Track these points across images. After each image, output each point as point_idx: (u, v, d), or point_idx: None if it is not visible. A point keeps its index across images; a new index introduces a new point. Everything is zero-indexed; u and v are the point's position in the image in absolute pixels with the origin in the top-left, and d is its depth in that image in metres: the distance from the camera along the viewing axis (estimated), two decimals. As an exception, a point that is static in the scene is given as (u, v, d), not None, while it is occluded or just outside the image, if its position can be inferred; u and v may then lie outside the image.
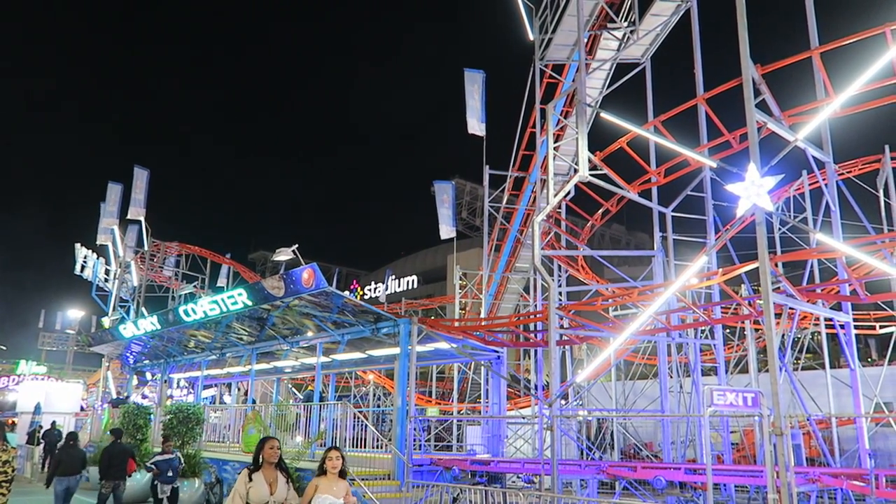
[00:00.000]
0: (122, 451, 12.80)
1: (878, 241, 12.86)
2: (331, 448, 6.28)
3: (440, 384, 32.45)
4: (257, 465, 5.98)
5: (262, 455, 6.01)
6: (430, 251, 59.92)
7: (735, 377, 23.26)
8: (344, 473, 6.08)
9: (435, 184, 26.76)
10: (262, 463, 5.99)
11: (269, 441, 6.12)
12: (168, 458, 13.33)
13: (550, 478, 11.89)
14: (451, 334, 15.92)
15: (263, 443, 6.11)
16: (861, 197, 18.19)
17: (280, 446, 6.14)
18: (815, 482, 10.86)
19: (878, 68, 10.59)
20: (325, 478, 6.06)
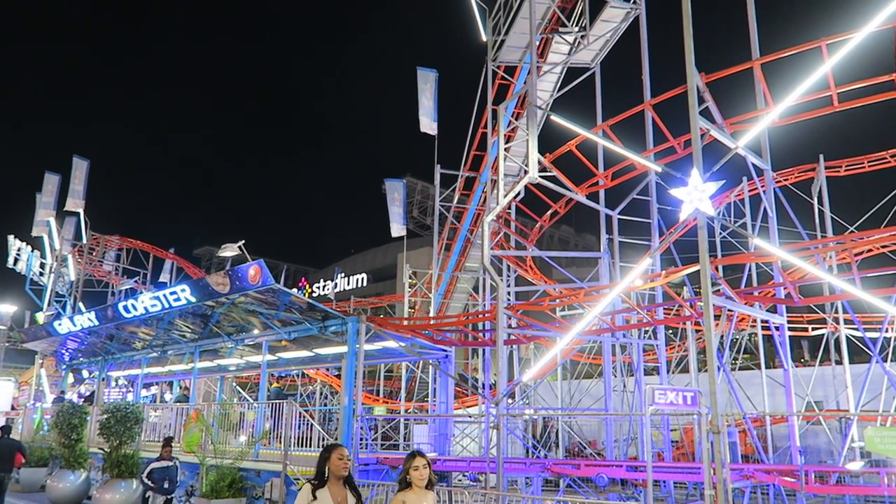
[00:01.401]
0: (8, 446, 12.62)
1: (811, 247, 13.40)
2: (415, 454, 5.06)
3: (388, 383, 32.32)
4: (322, 479, 4.94)
5: (328, 466, 4.96)
6: (380, 249, 59.62)
7: (676, 376, 23.89)
8: (431, 484, 4.98)
9: (386, 182, 26.66)
10: (328, 477, 4.94)
11: (337, 449, 5.05)
12: (166, 465, 12.04)
13: (496, 476, 11.98)
14: (400, 333, 15.88)
15: (331, 451, 5.04)
16: (797, 204, 18.94)
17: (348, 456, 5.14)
18: (749, 478, 11.24)
19: (813, 81, 11.02)
20: (411, 492, 4.92)
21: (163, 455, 12.13)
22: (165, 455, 12.14)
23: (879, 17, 10.18)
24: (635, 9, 16.46)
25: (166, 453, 12.18)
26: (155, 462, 12.02)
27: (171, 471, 12.05)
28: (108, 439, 15.38)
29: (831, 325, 20.28)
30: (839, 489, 11.91)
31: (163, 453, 12.18)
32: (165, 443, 12.51)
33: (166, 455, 12.15)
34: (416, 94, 23.52)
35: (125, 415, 15.65)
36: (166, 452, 12.20)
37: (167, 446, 12.38)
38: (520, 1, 17.26)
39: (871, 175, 21.32)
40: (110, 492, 14.75)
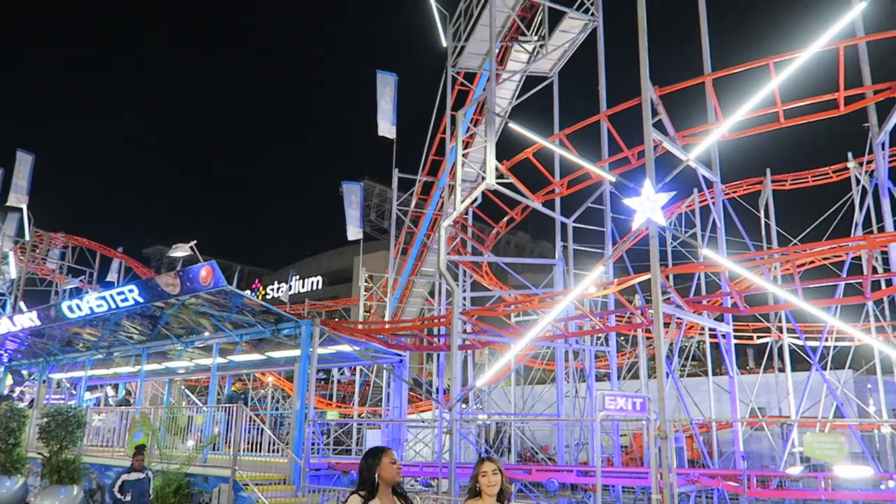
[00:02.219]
0: None
1: (757, 258, 13.82)
2: (484, 460, 4.45)
3: (341, 387, 32.07)
4: (372, 488, 4.24)
5: (378, 473, 4.26)
6: (336, 252, 59.15)
7: (627, 383, 24.31)
8: (504, 495, 4.33)
9: (343, 184, 26.51)
10: (377, 485, 4.25)
11: (387, 453, 4.36)
12: (138, 477, 10.74)
13: (448, 481, 11.99)
14: (355, 337, 15.78)
15: (379, 455, 4.33)
16: (744, 216, 19.52)
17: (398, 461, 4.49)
18: (694, 483, 11.51)
19: (761, 97, 11.38)
20: (480, 501, 4.35)
21: (134, 465, 10.83)
22: (137, 465, 10.83)
23: (823, 38, 10.59)
24: (593, 21, 16.75)
25: (138, 463, 10.86)
26: (125, 473, 10.77)
27: (144, 483, 10.78)
28: (48, 444, 14.85)
29: (775, 333, 20.94)
30: (779, 493, 12.27)
31: (134, 463, 10.87)
32: (137, 451, 11.12)
33: (138, 465, 10.83)
34: (376, 96, 23.47)
35: (67, 418, 15.13)
36: (138, 462, 10.87)
37: (139, 455, 11.02)
38: (480, 8, 17.39)
39: (814, 189, 22.14)
40: (49, 498, 14.24)
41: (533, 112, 19.91)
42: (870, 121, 13.42)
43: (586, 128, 14.65)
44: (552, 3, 16.54)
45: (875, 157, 13.49)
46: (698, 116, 13.88)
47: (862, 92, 12.61)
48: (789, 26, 54.51)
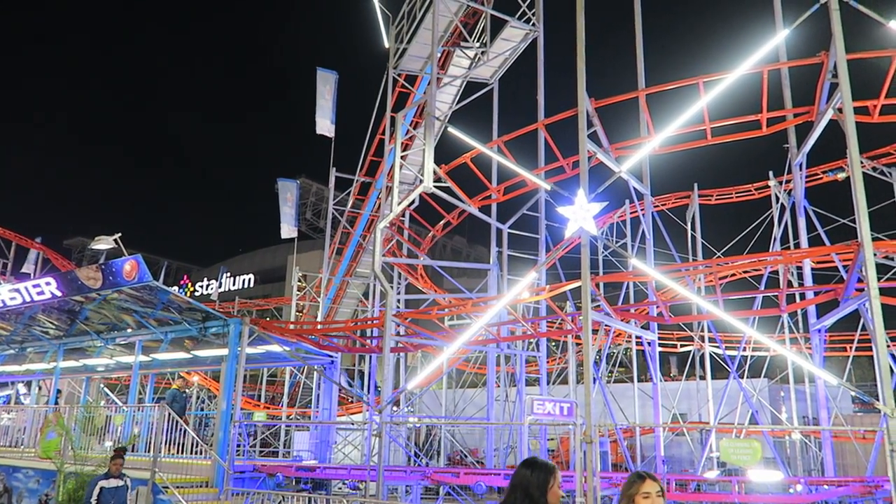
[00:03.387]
0: None
1: (682, 270, 14.33)
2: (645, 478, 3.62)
3: (270, 388, 31.44)
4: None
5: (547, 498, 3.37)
6: (269, 250, 58.01)
7: (556, 387, 24.77)
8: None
9: (279, 181, 26.05)
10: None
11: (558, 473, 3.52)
12: (118, 485, 9.63)
13: (376, 484, 11.91)
14: (285, 337, 15.51)
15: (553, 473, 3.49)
16: (672, 228, 20.21)
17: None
18: (617, 486, 11.79)
19: (691, 114, 11.81)
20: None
21: (111, 471, 9.66)
22: (115, 470, 9.66)
23: (749, 61, 11.08)
24: (534, 31, 17.02)
25: (116, 468, 9.67)
26: (103, 479, 9.62)
27: (123, 493, 9.67)
28: (-51, 444, 13.98)
29: (697, 342, 21.72)
30: (696, 497, 12.73)
31: (111, 468, 9.68)
32: (116, 455, 9.85)
33: (116, 470, 9.66)
34: (315, 94, 23.18)
35: (-28, 417, 14.28)
36: (116, 467, 9.68)
37: (118, 458, 9.77)
38: (423, 12, 17.41)
39: (737, 205, 23.15)
40: (-51, 502, 13.41)
41: (472, 117, 20.08)
42: (789, 142, 14.14)
43: (524, 136, 14.88)
44: (495, 11, 16.72)
45: (793, 177, 14.21)
46: (632, 130, 14.31)
47: (783, 114, 13.28)
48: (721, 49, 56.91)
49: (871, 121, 12.44)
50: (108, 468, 9.76)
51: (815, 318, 13.50)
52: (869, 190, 9.60)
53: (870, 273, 8.85)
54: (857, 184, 9.16)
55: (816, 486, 11.75)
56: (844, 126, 9.53)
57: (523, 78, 19.30)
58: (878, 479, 10.63)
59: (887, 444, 8.14)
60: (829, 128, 12.39)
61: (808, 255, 13.43)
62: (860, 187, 9.09)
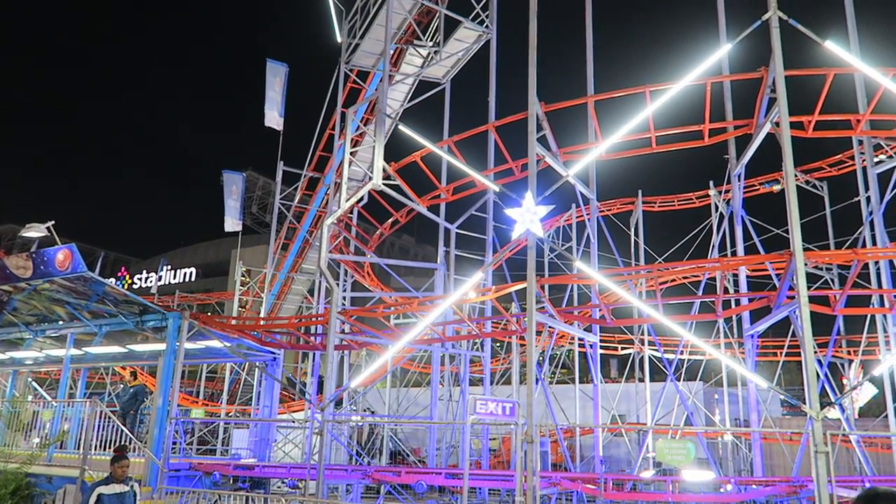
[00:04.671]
0: None
1: (625, 274, 14.63)
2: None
3: (210, 384, 30.73)
4: None
5: None
6: (212, 244, 56.67)
7: (500, 388, 25.00)
8: None
9: (224, 174, 25.47)
10: None
11: None
12: (121, 491, 8.35)
13: (316, 483, 11.77)
14: (226, 332, 15.17)
15: None
16: (617, 233, 20.65)
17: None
18: (556, 485, 11.97)
19: (637, 122, 12.07)
20: None
21: (114, 475, 8.35)
22: (119, 475, 8.35)
23: (693, 73, 11.40)
24: (487, 33, 17.12)
25: (121, 472, 8.36)
26: (102, 485, 8.31)
27: (128, 498, 8.45)
28: None
29: (637, 345, 22.26)
30: (632, 496, 13.02)
31: (115, 472, 8.35)
32: (118, 456, 8.51)
33: (120, 475, 8.36)
34: (264, 86, 22.78)
35: None
36: (121, 471, 8.36)
37: (122, 461, 8.43)
38: (377, 8, 17.31)
39: (679, 213, 23.81)
40: None
41: (424, 116, 20.07)
42: (729, 153, 14.62)
43: (475, 137, 14.94)
44: (449, 11, 16.75)
45: (732, 187, 14.69)
46: (580, 135, 14.54)
47: (724, 126, 13.71)
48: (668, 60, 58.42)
49: (805, 136, 12.96)
50: (110, 471, 8.42)
51: (748, 323, 14.00)
52: (802, 202, 9.99)
53: (800, 282, 9.21)
54: (791, 196, 9.52)
55: (745, 485, 12.17)
56: (781, 140, 9.90)
57: (476, 79, 19.41)
58: (803, 479, 11.08)
59: (812, 446, 8.50)
60: (767, 141, 12.85)
61: (744, 263, 13.90)
62: (793, 199, 9.45)
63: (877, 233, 14.86)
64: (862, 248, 15.38)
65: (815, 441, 8.46)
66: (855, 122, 13.37)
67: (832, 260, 18.84)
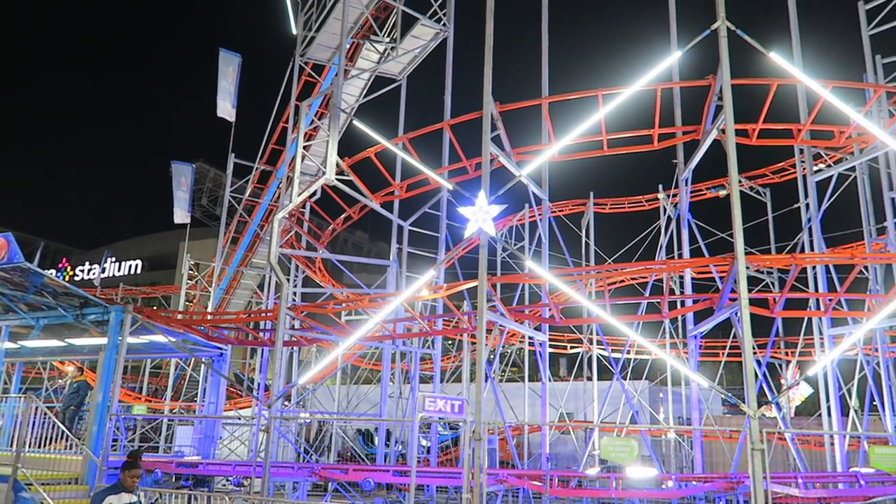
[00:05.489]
0: None
1: (574, 274, 14.85)
2: None
3: (154, 380, 29.97)
4: None
5: None
6: (160, 236, 55.21)
7: (450, 385, 25.09)
8: None
9: (173, 164, 24.86)
10: None
11: None
12: (129, 502, 7.43)
13: (262, 481, 11.60)
14: (171, 327, 14.82)
15: None
16: (568, 234, 20.93)
17: None
18: (502, 482, 12.08)
19: (589, 125, 12.25)
20: None
21: (125, 483, 7.40)
22: (130, 483, 7.43)
23: (644, 79, 11.62)
24: (444, 31, 17.13)
25: (132, 481, 7.44)
26: (112, 495, 7.37)
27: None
28: None
29: (586, 345, 22.62)
30: (577, 493, 13.24)
31: (125, 480, 7.41)
32: (129, 462, 7.54)
33: (131, 483, 7.43)
34: (217, 76, 22.32)
35: None
36: (132, 479, 7.44)
37: (134, 468, 7.49)
38: (333, 1, 17.13)
39: (629, 215, 24.30)
40: None
41: (379, 113, 19.96)
42: (678, 158, 14.98)
43: (429, 134, 14.94)
44: (406, 7, 16.70)
45: (679, 192, 15.06)
46: (534, 136, 14.69)
47: (673, 131, 14.04)
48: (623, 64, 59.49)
49: (750, 143, 13.39)
50: (120, 479, 7.46)
51: (692, 324, 14.37)
52: (746, 207, 10.32)
53: (742, 284, 9.50)
54: (735, 201, 9.80)
55: (685, 482, 12.52)
56: (726, 147, 10.18)
57: (432, 77, 19.40)
58: (740, 476, 11.45)
59: (748, 444, 8.78)
60: (714, 147, 13.22)
61: (689, 266, 14.27)
62: (737, 204, 9.73)
63: (814, 239, 15.45)
64: (800, 253, 15.98)
65: (752, 439, 8.74)
66: (796, 132, 13.87)
67: (772, 264, 19.53)
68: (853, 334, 12.14)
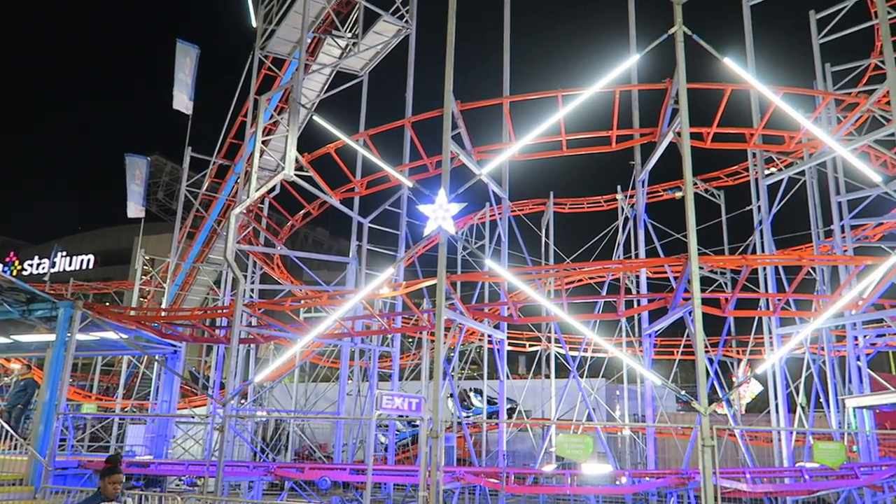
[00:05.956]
0: None
1: (533, 273, 14.97)
2: None
3: (105, 378, 29.21)
4: None
5: None
6: (113, 230, 53.81)
7: (410, 383, 25.05)
8: None
9: (127, 157, 24.23)
10: None
11: None
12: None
13: (215, 480, 11.41)
14: (123, 323, 14.45)
15: None
16: (528, 233, 21.09)
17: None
18: (459, 480, 12.12)
19: (549, 125, 12.36)
20: None
21: (104, 492, 6.31)
22: (111, 492, 6.31)
23: (603, 80, 11.77)
24: (407, 28, 17.08)
25: (113, 489, 6.33)
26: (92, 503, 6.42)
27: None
28: None
29: (544, 343, 22.83)
30: (533, 489, 13.37)
31: (105, 488, 6.31)
32: (108, 469, 6.47)
33: (113, 492, 6.32)
34: (174, 67, 21.84)
35: None
36: (113, 487, 6.32)
37: (112, 475, 6.38)
38: (294, -5, 16.92)
39: (588, 215, 24.60)
40: None
41: (340, 109, 19.79)
42: (635, 159, 15.22)
43: (390, 131, 14.88)
44: (368, 3, 16.59)
45: (636, 193, 15.31)
46: (495, 135, 14.75)
47: (631, 133, 14.26)
48: (584, 66, 60.27)
49: (704, 146, 13.68)
50: (99, 487, 6.38)
51: (647, 323, 14.63)
52: (700, 209, 10.54)
53: (695, 284, 9.69)
54: (689, 203, 10.00)
55: (638, 478, 12.74)
56: (682, 149, 10.38)
57: (394, 74, 19.32)
58: (691, 472, 11.70)
59: (699, 440, 8.98)
60: (671, 149, 13.48)
61: (644, 265, 14.52)
62: (691, 206, 9.93)
63: (765, 240, 15.87)
64: (751, 255, 16.39)
65: (703, 435, 8.94)
66: (749, 136, 14.22)
67: (725, 265, 19.98)
68: (799, 333, 12.50)
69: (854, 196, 15.52)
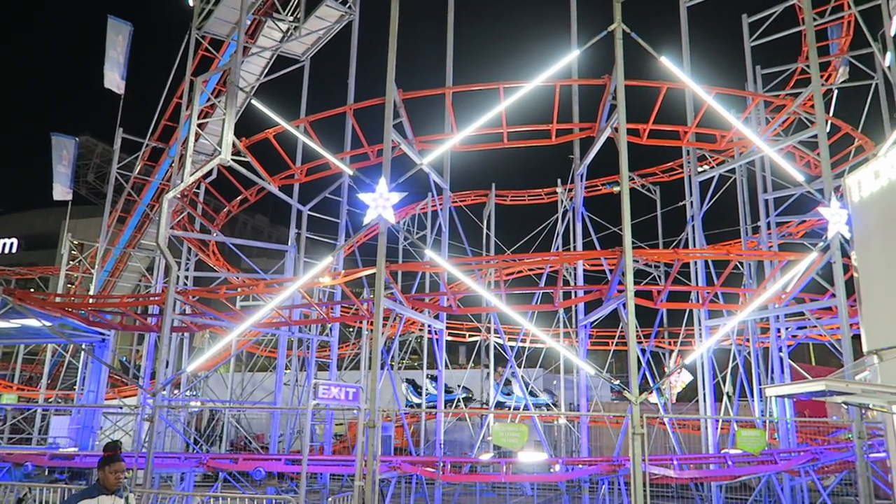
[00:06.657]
0: None
1: (473, 263, 15.06)
2: None
3: (28, 367, 27.95)
4: None
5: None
6: (39, 213, 51.34)
7: (349, 373, 24.92)
8: None
9: (53, 137, 23.12)
10: None
11: None
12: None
13: (144, 472, 11.09)
14: (46, 311, 13.85)
15: None
16: (469, 224, 21.19)
17: None
18: (396, 469, 12.14)
19: (490, 117, 12.42)
20: None
21: (103, 483, 5.60)
22: (112, 483, 5.61)
23: (544, 74, 11.90)
24: (350, 14, 16.84)
25: (115, 480, 5.62)
26: (88, 498, 5.53)
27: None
28: None
29: (484, 333, 23.05)
30: (469, 478, 13.52)
31: (104, 479, 5.60)
32: (108, 456, 5.70)
33: (113, 483, 5.61)
34: (105, 45, 20.93)
35: None
36: (115, 478, 5.62)
37: (114, 464, 5.64)
38: (234, -27, 16.40)
39: (528, 207, 24.90)
40: None
41: (281, 93, 19.36)
42: (574, 153, 15.46)
43: (332, 119, 14.69)
44: (311, -14, 16.27)
45: (575, 186, 15.56)
46: (437, 125, 14.73)
47: (570, 127, 14.48)
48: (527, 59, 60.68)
49: (641, 142, 14.02)
50: (97, 478, 5.70)
51: (583, 314, 14.93)
52: (637, 204, 10.81)
53: (628, 277, 9.96)
54: (624, 197, 10.24)
55: (572, 465, 13.03)
56: (619, 144, 10.61)
57: (337, 61, 19.03)
58: (622, 459, 12.05)
59: (630, 428, 9.25)
60: (609, 144, 13.74)
61: (581, 258, 14.79)
62: (626, 200, 10.17)
63: (696, 235, 16.40)
64: (683, 249, 16.93)
65: (633, 424, 9.21)
66: (683, 134, 14.64)
67: (658, 258, 20.58)
68: (726, 325, 12.99)
69: (780, 194, 16.17)
